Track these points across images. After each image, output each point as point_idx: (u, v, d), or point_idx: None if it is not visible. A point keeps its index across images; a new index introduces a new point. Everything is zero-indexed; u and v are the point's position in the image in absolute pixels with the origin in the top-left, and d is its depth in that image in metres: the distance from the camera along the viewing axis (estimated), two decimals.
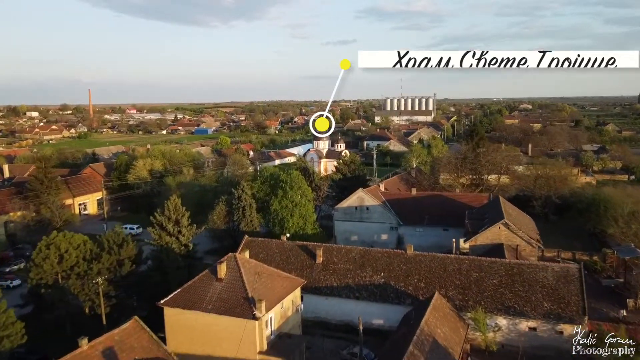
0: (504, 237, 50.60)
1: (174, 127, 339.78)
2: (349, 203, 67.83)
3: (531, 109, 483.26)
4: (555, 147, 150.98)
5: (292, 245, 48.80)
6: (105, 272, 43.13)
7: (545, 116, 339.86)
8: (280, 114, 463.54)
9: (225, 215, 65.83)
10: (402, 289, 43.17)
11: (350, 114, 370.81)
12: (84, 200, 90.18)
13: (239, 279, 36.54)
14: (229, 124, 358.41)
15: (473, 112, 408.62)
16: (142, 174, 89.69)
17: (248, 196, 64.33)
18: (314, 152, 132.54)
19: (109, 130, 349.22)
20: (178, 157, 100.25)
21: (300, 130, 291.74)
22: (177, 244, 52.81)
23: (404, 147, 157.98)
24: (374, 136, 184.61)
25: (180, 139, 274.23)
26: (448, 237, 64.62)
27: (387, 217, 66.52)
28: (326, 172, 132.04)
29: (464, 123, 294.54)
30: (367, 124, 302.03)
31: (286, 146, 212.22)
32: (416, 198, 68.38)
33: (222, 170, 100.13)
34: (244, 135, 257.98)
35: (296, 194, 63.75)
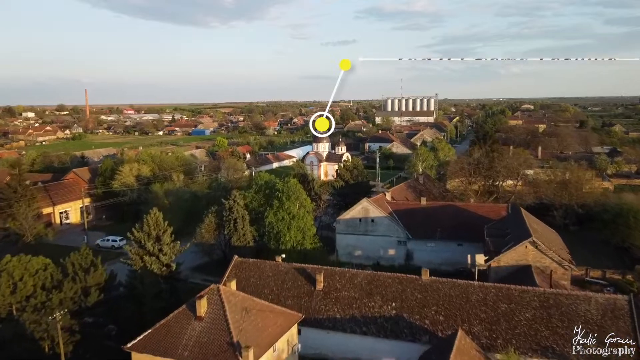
0: (531, 257, 44.13)
1: (170, 128, 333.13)
2: (352, 214, 61.34)
3: (533, 109, 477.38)
4: (565, 150, 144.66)
5: (289, 267, 42.30)
6: (69, 303, 36.65)
7: (549, 117, 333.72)
8: (280, 115, 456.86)
9: (215, 229, 59.34)
10: (417, 323, 36.67)
11: (351, 115, 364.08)
12: (65, 209, 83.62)
13: (222, 317, 30.08)
14: (227, 124, 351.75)
15: (475, 112, 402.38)
16: (128, 180, 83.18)
17: (240, 207, 57.85)
18: (313, 155, 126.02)
19: (104, 131, 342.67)
20: (168, 162, 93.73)
21: (300, 131, 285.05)
22: (157, 264, 46.35)
23: (407, 150, 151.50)
24: (375, 138, 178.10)
25: (177, 140, 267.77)
26: (463, 253, 58.17)
27: (395, 230, 60.02)
28: (326, 177, 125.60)
29: (467, 124, 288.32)
30: (367, 125, 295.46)
31: (285, 148, 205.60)
32: (426, 209, 61.88)
33: (215, 176, 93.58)
34: (242, 137, 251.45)
35: (294, 205, 57.28)
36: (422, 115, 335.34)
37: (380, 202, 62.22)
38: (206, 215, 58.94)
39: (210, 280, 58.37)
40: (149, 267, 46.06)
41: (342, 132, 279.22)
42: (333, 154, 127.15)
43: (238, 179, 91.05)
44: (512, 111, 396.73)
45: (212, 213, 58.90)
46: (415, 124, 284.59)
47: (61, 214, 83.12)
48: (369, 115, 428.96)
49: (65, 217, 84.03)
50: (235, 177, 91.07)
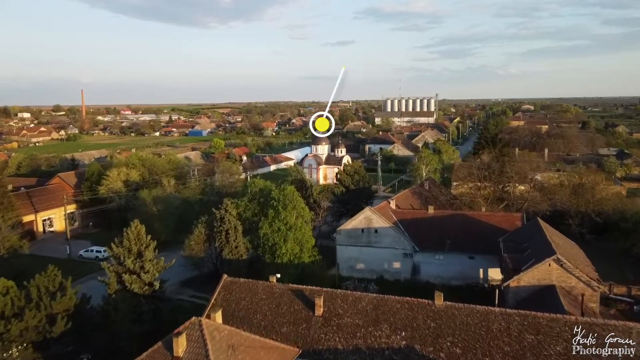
0: (555, 276, 39.52)
1: (167, 129, 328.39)
2: (354, 224, 56.69)
3: (533, 109, 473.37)
4: (571, 152, 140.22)
5: (284, 289, 37.60)
6: (31, 334, 31.98)
7: (551, 117, 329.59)
8: (278, 115, 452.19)
9: (205, 240, 54.65)
10: (430, 356, 32.00)
11: (350, 115, 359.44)
12: (49, 216, 78.85)
13: (203, 358, 25.40)
14: (225, 125, 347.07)
15: (475, 113, 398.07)
16: (115, 185, 78.44)
17: (232, 217, 53.14)
18: (312, 157, 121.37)
19: (100, 132, 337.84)
20: (159, 165, 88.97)
21: (298, 132, 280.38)
22: (138, 283, 41.69)
23: (409, 152, 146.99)
24: (376, 139, 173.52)
25: (173, 141, 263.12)
26: (474, 267, 53.67)
27: (400, 241, 55.38)
28: (325, 180, 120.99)
29: (468, 125, 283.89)
30: (367, 126, 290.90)
31: (283, 149, 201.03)
32: (434, 218, 57.22)
33: (209, 180, 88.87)
34: (239, 138, 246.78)
35: (290, 214, 52.61)
36: (422, 116, 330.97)
37: (384, 211, 57.57)
38: (195, 226, 54.23)
39: (199, 296, 53.72)
40: (128, 287, 41.44)
41: (341, 132, 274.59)
42: (332, 156, 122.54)
43: (233, 183, 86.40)
44: (513, 112, 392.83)
45: (202, 223, 54.21)
46: (415, 124, 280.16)
47: (44, 221, 78.37)
48: (368, 116, 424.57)
49: (49, 224, 79.29)
50: (230, 182, 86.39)
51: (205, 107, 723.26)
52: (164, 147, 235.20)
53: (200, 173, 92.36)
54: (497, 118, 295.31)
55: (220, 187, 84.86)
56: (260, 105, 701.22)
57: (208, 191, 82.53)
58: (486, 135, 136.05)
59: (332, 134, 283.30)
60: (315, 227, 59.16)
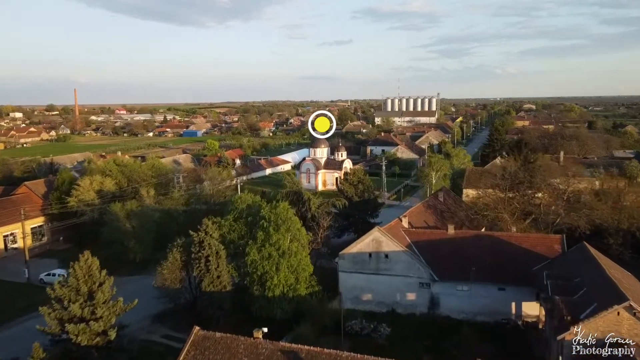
0: (626, 328, 30.47)
1: (161, 129, 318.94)
2: (360, 248, 47.58)
3: (535, 109, 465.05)
4: (587, 154, 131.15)
5: (272, 349, 28.47)
6: None
7: (555, 117, 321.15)
8: (276, 115, 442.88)
9: (181, 267, 45.46)
10: None
11: (349, 115, 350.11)
12: (12, 231, 69.51)
13: None
14: (221, 125, 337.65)
15: (477, 112, 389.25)
16: (87, 196, 69.21)
17: (214, 241, 43.97)
18: (310, 161, 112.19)
19: (92, 133, 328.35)
20: (140, 172, 79.72)
21: (296, 133, 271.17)
22: (87, 334, 32.60)
23: (413, 155, 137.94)
24: (377, 141, 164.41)
25: (166, 142, 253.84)
26: (505, 300, 44.73)
27: (416, 268, 46.28)
28: (325, 186, 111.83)
29: (471, 125, 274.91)
30: (367, 126, 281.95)
31: (280, 151, 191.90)
32: (456, 240, 48.09)
33: (197, 188, 79.64)
34: (235, 139, 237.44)
35: (284, 237, 43.53)
36: (424, 116, 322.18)
37: (396, 231, 48.46)
38: (170, 250, 45.03)
39: (174, 337, 44.46)
40: (74, 340, 32.36)
41: (340, 133, 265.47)
42: (332, 160, 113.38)
43: (222, 192, 77.23)
44: (515, 111, 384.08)
45: (177, 247, 44.98)
46: (417, 124, 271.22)
47: (6, 237, 69.05)
48: (368, 116, 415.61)
49: (11, 240, 69.98)
50: (219, 190, 77.21)
51: (203, 106, 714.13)
52: (155, 148, 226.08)
53: (186, 180, 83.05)
54: (502, 118, 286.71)
55: (207, 197, 75.72)
56: (258, 104, 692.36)
57: (193, 202, 73.37)
58: (496, 136, 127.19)
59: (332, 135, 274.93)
60: (313, 250, 49.99)
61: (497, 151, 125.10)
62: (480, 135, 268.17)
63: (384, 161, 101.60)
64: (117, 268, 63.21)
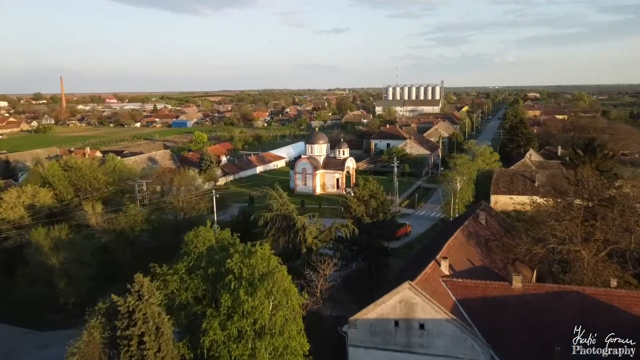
0: None
1: (149, 119, 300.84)
2: (381, 312, 31.37)
3: (540, 98, 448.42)
4: (623, 150, 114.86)
5: None
6: None
7: (566, 107, 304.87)
8: (271, 104, 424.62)
9: (102, 351, 29.12)
10: None
11: (349, 104, 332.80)
12: None
13: None
14: (213, 115, 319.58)
15: (481, 102, 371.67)
16: (13, 213, 52.72)
17: (154, 308, 27.63)
18: (307, 160, 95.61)
19: (76, 123, 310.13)
20: (90, 179, 63.15)
21: (292, 124, 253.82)
22: None
23: (424, 150, 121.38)
24: (382, 134, 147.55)
25: (152, 133, 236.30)
26: None
27: (467, 346, 30.09)
28: (324, 189, 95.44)
29: (479, 115, 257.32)
30: (367, 116, 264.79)
31: (274, 144, 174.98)
32: (525, 299, 31.85)
33: (161, 199, 63.05)
34: (226, 130, 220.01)
35: (264, 304, 27.26)
36: (427, 105, 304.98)
37: (434, 283, 32.23)
38: (86, 329, 28.66)
39: None
40: None
41: (339, 124, 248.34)
42: (332, 158, 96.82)
43: (194, 205, 60.83)
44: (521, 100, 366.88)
45: (97, 319, 28.57)
46: (422, 114, 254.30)
47: None
48: (367, 105, 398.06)
49: None
50: (191, 204, 60.77)
51: (198, 95, 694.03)
52: (139, 140, 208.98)
53: (152, 187, 66.39)
54: (512, 108, 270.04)
55: (175, 210, 59.38)
56: (254, 93, 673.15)
57: (155, 219, 57.02)
58: (522, 130, 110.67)
59: (330, 125, 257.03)
60: (309, 312, 33.62)
61: (523, 147, 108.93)
62: (488, 126, 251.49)
63: (395, 162, 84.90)
64: (41, 317, 47.19)
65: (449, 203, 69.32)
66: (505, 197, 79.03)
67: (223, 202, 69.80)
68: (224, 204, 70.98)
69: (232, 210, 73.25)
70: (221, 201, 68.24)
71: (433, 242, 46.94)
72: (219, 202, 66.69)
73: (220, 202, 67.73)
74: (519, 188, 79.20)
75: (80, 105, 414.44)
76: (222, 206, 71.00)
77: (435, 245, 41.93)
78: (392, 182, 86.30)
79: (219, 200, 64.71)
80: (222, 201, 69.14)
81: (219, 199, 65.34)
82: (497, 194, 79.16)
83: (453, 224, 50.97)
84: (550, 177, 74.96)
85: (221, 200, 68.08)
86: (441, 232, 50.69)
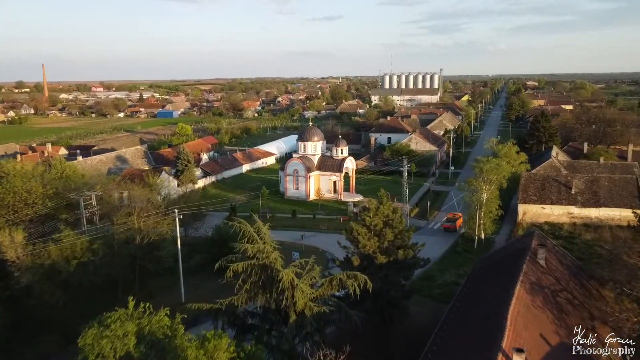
0: None
1: (134, 109, 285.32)
2: None
3: (538, 86, 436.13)
4: None
5: None
6: None
7: (569, 95, 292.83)
8: (263, 93, 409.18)
9: None
10: None
11: (343, 93, 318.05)
12: None
13: None
14: (200, 105, 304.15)
15: (479, 90, 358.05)
16: None
17: None
18: (299, 160, 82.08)
19: (56, 113, 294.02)
20: (21, 191, 49.48)
21: (284, 114, 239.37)
22: None
23: (431, 146, 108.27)
24: (382, 127, 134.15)
25: (135, 124, 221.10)
26: None
27: None
28: (319, 195, 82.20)
29: (482, 105, 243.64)
30: (364, 105, 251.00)
31: (264, 138, 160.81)
32: None
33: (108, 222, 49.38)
34: (214, 121, 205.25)
35: None
36: (425, 94, 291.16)
37: None
38: None
39: None
40: None
41: (334, 114, 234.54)
42: (329, 158, 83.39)
43: (154, 227, 47.43)
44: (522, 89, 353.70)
45: None
46: (421, 104, 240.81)
47: None
48: (362, 94, 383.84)
49: None
50: (150, 226, 47.31)
51: (189, 83, 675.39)
52: (119, 133, 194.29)
53: (103, 203, 52.59)
54: (517, 97, 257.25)
55: (127, 236, 45.92)
56: (245, 81, 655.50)
57: (100, 247, 43.67)
58: (543, 124, 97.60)
59: (324, 115, 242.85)
60: None
61: (545, 143, 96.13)
62: (491, 116, 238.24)
63: (405, 162, 71.62)
64: None
65: (474, 217, 56.34)
66: (536, 207, 66.33)
67: (195, 217, 56.50)
68: (197, 218, 57.70)
69: (210, 223, 60.09)
70: (192, 215, 54.96)
71: (472, 291, 34.00)
72: (190, 216, 53.48)
73: (191, 216, 54.49)
74: (552, 196, 66.42)
75: (64, 94, 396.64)
76: (195, 220, 57.76)
77: (478, 301, 29.04)
78: (399, 184, 73.44)
79: (188, 215, 51.52)
80: (194, 215, 55.84)
81: (189, 214, 52.10)
82: (526, 203, 66.31)
83: (493, 263, 37.96)
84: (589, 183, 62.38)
85: (192, 214, 54.78)
86: (478, 274, 37.58)
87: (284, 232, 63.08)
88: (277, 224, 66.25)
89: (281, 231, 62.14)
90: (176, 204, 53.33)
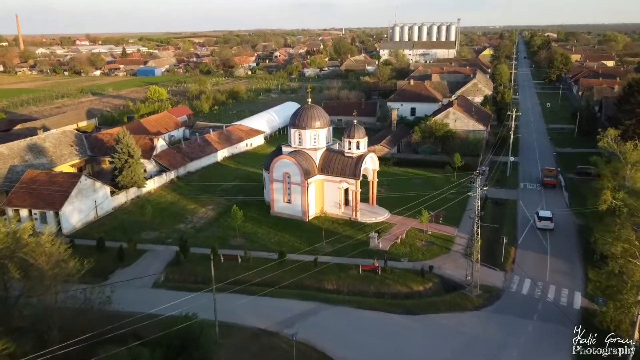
0: None
1: (112, 66, 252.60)
2: None
3: (558, 38, 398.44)
4: None
5: None
6: None
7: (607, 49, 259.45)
8: (260, 46, 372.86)
9: None
10: None
11: (348, 46, 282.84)
12: None
13: None
14: (188, 61, 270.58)
15: (498, 43, 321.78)
16: None
17: None
18: (290, 160, 52.94)
19: (25, 70, 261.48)
20: None
21: (281, 72, 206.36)
22: None
23: (476, 124, 78.83)
24: (404, 94, 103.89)
25: (108, 85, 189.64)
26: None
27: None
28: (322, 211, 53.70)
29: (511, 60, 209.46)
30: (372, 62, 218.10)
31: (254, 105, 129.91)
32: None
33: None
34: (199, 81, 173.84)
35: None
36: (440, 47, 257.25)
37: None
38: None
39: None
40: None
41: (339, 72, 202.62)
42: (338, 154, 54.11)
43: None
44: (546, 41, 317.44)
45: None
46: (438, 60, 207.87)
47: None
48: (368, 47, 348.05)
49: None
50: None
51: (185, 36, 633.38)
52: (86, 95, 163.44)
53: None
54: (549, 52, 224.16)
55: None
56: (243, 33, 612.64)
57: None
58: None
59: (327, 74, 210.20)
60: None
61: None
62: (519, 74, 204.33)
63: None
64: None
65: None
66: None
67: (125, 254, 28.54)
68: (128, 255, 29.89)
69: (148, 266, 32.63)
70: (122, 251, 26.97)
71: None
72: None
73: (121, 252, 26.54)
74: None
75: (41, 49, 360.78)
76: (125, 261, 30.07)
77: None
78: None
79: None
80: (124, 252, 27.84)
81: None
82: None
83: None
84: None
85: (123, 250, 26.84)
86: None
87: (263, 300, 35.98)
88: (256, 275, 38.57)
89: (259, 299, 35.25)
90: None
